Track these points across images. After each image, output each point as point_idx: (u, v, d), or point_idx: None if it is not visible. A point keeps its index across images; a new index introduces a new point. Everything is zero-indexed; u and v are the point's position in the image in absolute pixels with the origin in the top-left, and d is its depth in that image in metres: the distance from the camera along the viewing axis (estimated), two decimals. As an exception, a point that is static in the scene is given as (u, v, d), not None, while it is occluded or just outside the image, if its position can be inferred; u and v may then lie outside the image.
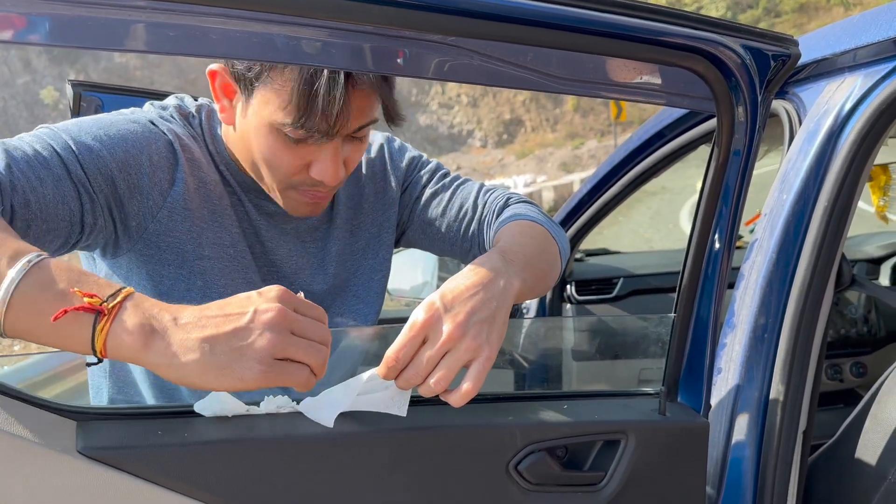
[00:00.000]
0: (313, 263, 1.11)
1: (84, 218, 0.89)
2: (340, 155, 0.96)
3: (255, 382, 0.65)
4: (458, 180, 1.20)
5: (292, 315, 0.68)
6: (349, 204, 1.14)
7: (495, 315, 0.78)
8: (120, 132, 0.94)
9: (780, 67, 0.83)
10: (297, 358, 0.67)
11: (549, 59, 0.75)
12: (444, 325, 0.75)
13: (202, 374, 0.64)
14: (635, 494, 0.83)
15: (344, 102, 0.88)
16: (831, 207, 0.98)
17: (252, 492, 0.72)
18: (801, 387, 0.98)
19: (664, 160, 1.60)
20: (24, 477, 0.64)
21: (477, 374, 0.75)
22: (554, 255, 1.01)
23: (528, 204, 1.13)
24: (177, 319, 0.66)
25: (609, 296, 2.23)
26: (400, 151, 1.21)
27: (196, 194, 0.99)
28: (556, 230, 1.05)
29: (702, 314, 0.90)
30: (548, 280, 0.98)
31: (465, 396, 0.75)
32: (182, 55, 0.79)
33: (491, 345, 0.76)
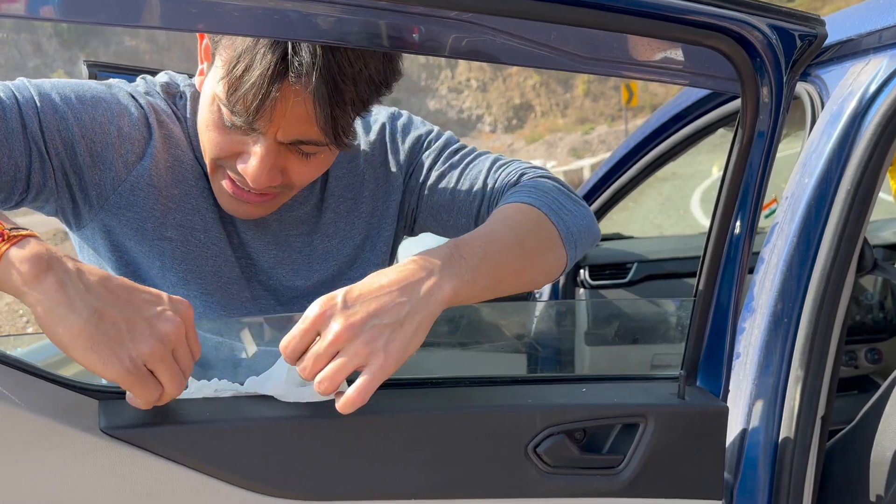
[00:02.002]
0: (296, 259, 1.05)
1: (31, 176, 0.87)
2: (272, 158, 0.87)
3: (113, 375, 0.62)
4: (469, 157, 1.08)
5: (182, 339, 0.66)
6: (346, 195, 1.06)
7: (404, 321, 0.70)
8: (93, 98, 0.92)
9: (806, 48, 0.81)
10: (161, 379, 0.65)
11: (570, 38, 0.74)
12: (336, 322, 0.69)
13: (76, 336, 0.61)
14: (653, 478, 0.83)
15: (265, 96, 0.80)
16: (854, 191, 0.97)
17: (272, 471, 0.72)
18: (821, 372, 0.98)
19: (682, 143, 1.58)
20: (46, 456, 0.64)
21: (363, 385, 0.68)
22: (547, 244, 0.89)
23: (544, 180, 1.01)
24: (81, 272, 0.63)
25: (623, 280, 2.22)
26: (404, 132, 1.10)
27: (168, 173, 0.96)
28: (564, 213, 0.93)
29: (722, 298, 0.89)
30: (529, 274, 0.86)
31: (346, 405, 0.68)
32: (199, 31, 0.79)
33: (388, 354, 0.69)
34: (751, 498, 0.95)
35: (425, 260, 0.74)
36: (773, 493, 0.95)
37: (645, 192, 12.60)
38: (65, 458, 0.65)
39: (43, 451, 0.64)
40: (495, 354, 1.51)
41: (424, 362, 1.45)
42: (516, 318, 1.73)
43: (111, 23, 0.72)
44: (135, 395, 0.65)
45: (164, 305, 0.66)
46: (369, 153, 1.08)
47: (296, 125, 0.84)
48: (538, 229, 0.88)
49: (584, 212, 0.97)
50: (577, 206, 0.96)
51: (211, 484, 0.70)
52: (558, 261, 0.90)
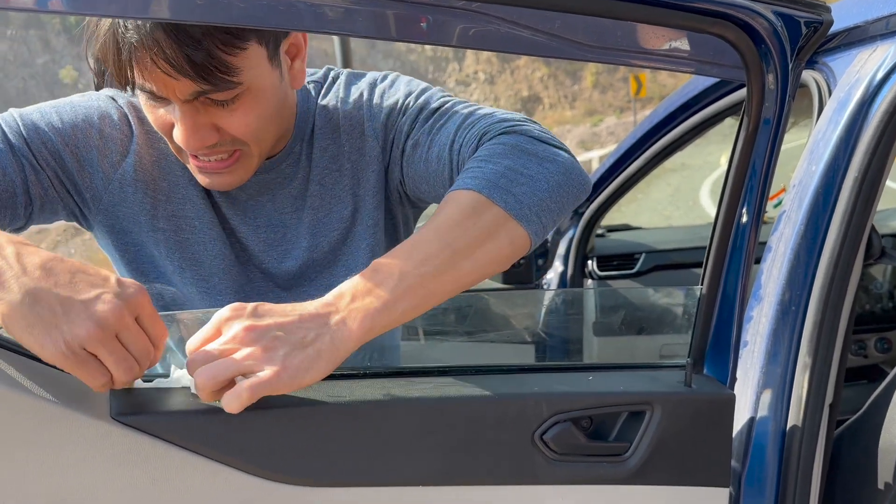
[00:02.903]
0: (288, 238, 1.04)
1: (30, 189, 0.91)
2: (190, 119, 0.87)
3: (52, 358, 0.62)
4: (441, 119, 0.98)
5: (127, 321, 0.64)
6: (331, 166, 1.04)
7: (308, 345, 0.68)
8: (72, 108, 0.97)
9: (811, 34, 0.81)
10: (105, 362, 0.64)
11: (576, 26, 0.74)
12: (239, 324, 0.68)
13: (10, 319, 0.61)
14: (660, 465, 0.83)
15: (116, 58, 0.81)
16: (861, 178, 0.97)
17: (282, 458, 0.73)
18: (829, 360, 0.98)
19: (690, 132, 1.58)
20: (58, 442, 0.65)
21: (254, 384, 0.65)
22: (488, 231, 0.80)
23: (501, 138, 0.89)
24: (21, 255, 0.63)
25: (631, 271, 2.22)
26: (382, 98, 1.04)
27: (154, 167, 0.99)
28: (518, 184, 0.83)
29: (729, 286, 0.90)
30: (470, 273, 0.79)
31: (232, 399, 0.65)
32: (205, 22, 0.79)
33: (284, 367, 0.66)
34: (759, 486, 0.95)
35: (339, 293, 0.73)
36: (781, 481, 0.95)
37: (654, 184, 12.57)
38: (76, 444, 0.66)
39: (55, 437, 0.65)
40: (503, 345, 1.52)
41: (433, 351, 1.46)
42: (525, 310, 1.74)
43: (119, 15, 0.72)
44: (81, 379, 0.64)
45: (106, 289, 0.64)
46: (348, 124, 1.04)
47: (176, 80, 0.83)
48: (475, 219, 0.80)
49: (551, 169, 0.86)
50: (541, 165, 0.86)
51: (221, 470, 0.70)
52: (514, 242, 0.82)
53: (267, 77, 0.90)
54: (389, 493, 0.77)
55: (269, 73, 0.90)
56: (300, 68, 0.98)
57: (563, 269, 2.27)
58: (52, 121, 0.94)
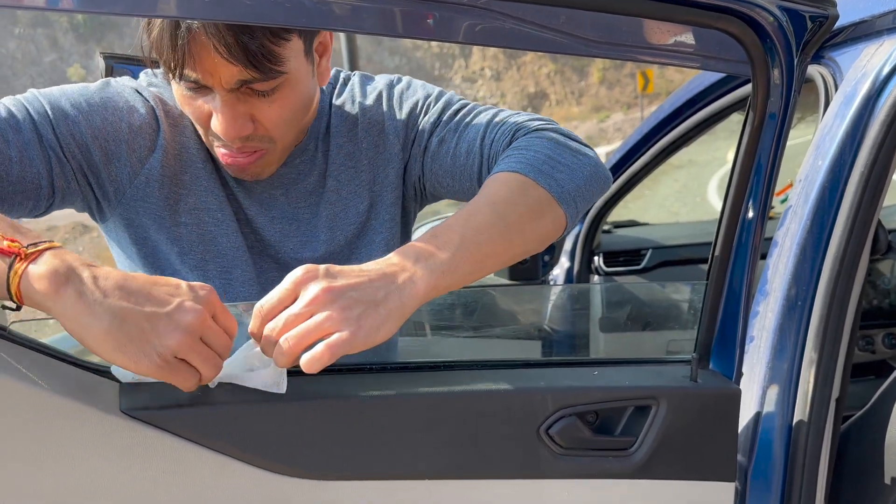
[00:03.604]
0: (303, 230, 1.06)
1: (54, 181, 0.91)
2: (231, 108, 0.90)
3: (147, 370, 0.65)
4: (468, 117, 1.05)
5: (209, 322, 0.68)
6: (347, 163, 1.07)
7: (379, 304, 0.71)
8: (101, 100, 0.96)
9: (817, 29, 0.81)
10: (195, 364, 0.67)
11: (582, 22, 0.74)
12: (316, 285, 0.70)
13: (102, 341, 0.64)
14: (666, 460, 0.84)
15: (174, 45, 0.84)
16: (868, 173, 0.96)
17: (290, 451, 0.73)
18: (835, 354, 0.97)
19: (696, 128, 1.58)
20: (69, 436, 0.66)
21: (333, 343, 0.68)
22: (536, 210, 0.86)
23: (537, 134, 0.97)
24: (97, 279, 0.65)
25: (637, 267, 2.22)
26: (401, 98, 1.08)
27: (176, 160, 1.00)
28: (558, 170, 0.90)
29: (735, 280, 0.90)
30: (519, 245, 0.85)
31: (313, 360, 0.68)
32: (215, 20, 0.80)
33: (360, 327, 0.69)
34: (765, 480, 0.96)
35: (403, 255, 0.75)
36: (788, 476, 0.95)
37: (661, 180, 12.53)
38: (87, 438, 0.66)
39: (66, 431, 0.66)
40: (509, 341, 1.52)
41: (439, 346, 1.46)
42: (531, 306, 1.74)
43: (128, 13, 0.73)
44: (175, 385, 0.67)
45: (183, 296, 0.68)
46: (367, 121, 1.07)
47: (226, 67, 0.85)
48: (524, 197, 0.86)
49: (584, 161, 0.94)
50: (575, 157, 0.93)
51: (229, 464, 0.71)
52: (555, 222, 0.88)
53: (303, 70, 0.93)
54: (397, 486, 0.77)
55: (304, 66, 0.94)
56: (326, 66, 1.01)
57: (570, 265, 2.27)
58: (81, 110, 0.94)
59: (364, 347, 0.69)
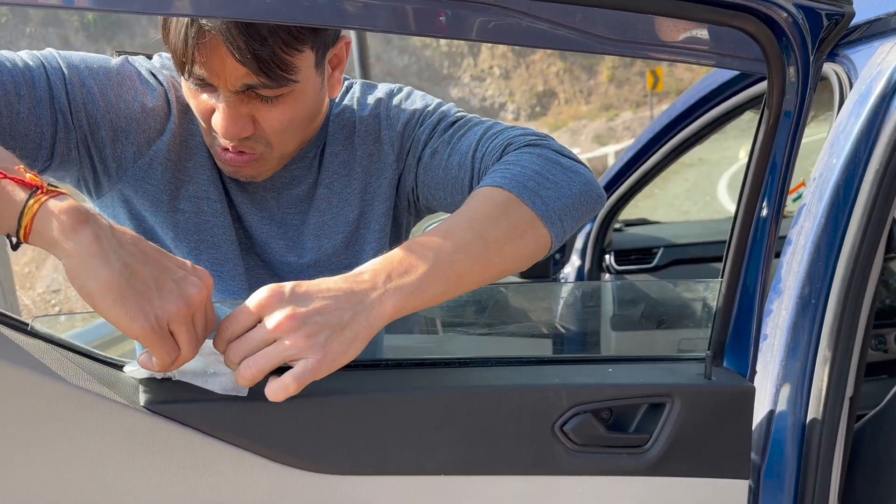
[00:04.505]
0: (290, 236, 1.05)
1: (56, 146, 0.90)
2: (233, 108, 0.89)
3: (138, 330, 0.63)
4: (462, 129, 1.02)
5: (207, 304, 0.68)
6: (340, 171, 1.06)
7: (346, 327, 0.69)
8: (119, 76, 0.96)
9: (832, 27, 0.81)
10: (180, 341, 0.66)
11: (597, 20, 0.74)
12: (281, 311, 0.68)
13: (106, 289, 0.62)
14: (680, 457, 0.84)
15: (186, 44, 0.84)
16: (883, 171, 0.96)
17: (307, 446, 0.74)
18: (849, 353, 0.97)
19: (708, 126, 1.57)
20: (89, 430, 0.66)
21: (299, 373, 0.67)
22: (517, 228, 0.83)
23: (528, 150, 0.94)
24: (114, 229, 0.65)
25: (649, 266, 2.22)
26: (399, 108, 1.07)
27: (182, 146, 1.00)
28: (544, 188, 0.87)
29: (749, 278, 0.90)
30: (497, 266, 0.82)
31: (278, 390, 0.67)
32: (227, 17, 0.80)
33: (326, 353, 0.68)
34: (778, 478, 0.96)
35: (374, 271, 0.74)
36: (801, 474, 0.95)
37: (671, 179, 12.49)
38: (108, 433, 0.67)
39: (87, 425, 0.66)
40: (521, 338, 1.53)
41: (451, 343, 1.46)
42: (543, 304, 1.74)
43: (142, 11, 0.74)
44: (154, 355, 0.65)
45: (189, 272, 0.67)
46: (363, 129, 1.06)
47: (234, 69, 0.85)
48: (506, 215, 0.83)
49: (574, 178, 0.91)
50: (565, 174, 0.90)
51: (247, 458, 0.72)
52: (537, 242, 0.85)
53: (311, 81, 0.93)
54: (412, 481, 0.78)
55: (313, 77, 0.93)
56: (338, 78, 1.01)
57: (581, 263, 2.27)
58: (99, 83, 0.93)
59: (329, 372, 0.68)
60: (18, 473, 0.65)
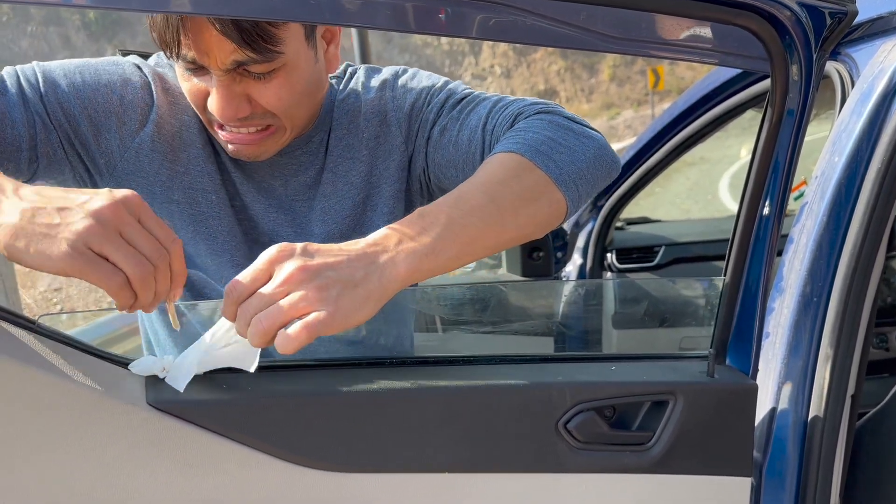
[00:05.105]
0: (298, 223, 1.05)
1: (38, 147, 0.92)
2: (226, 89, 0.89)
3: (61, 263, 0.61)
4: (470, 105, 1.01)
5: (125, 217, 0.64)
6: (345, 154, 1.05)
7: (358, 284, 0.68)
8: (96, 71, 0.98)
9: (836, 25, 0.81)
10: (113, 259, 0.63)
11: (600, 18, 0.75)
12: (291, 263, 0.67)
13: (13, 237, 0.62)
14: (683, 455, 0.84)
15: (169, 25, 0.84)
16: (885, 169, 0.96)
17: (312, 444, 0.74)
18: (851, 351, 0.97)
19: (711, 125, 1.58)
20: (95, 428, 0.67)
21: (311, 323, 0.65)
22: (532, 192, 0.83)
23: (539, 117, 0.93)
24: (19, 187, 0.65)
25: (650, 264, 2.22)
26: (405, 89, 1.06)
27: (174, 138, 1.00)
28: (558, 152, 0.86)
29: (752, 276, 0.90)
30: (513, 230, 0.80)
31: (290, 341, 0.65)
32: (227, 15, 0.80)
33: (338, 308, 0.66)
34: (780, 476, 0.96)
35: (385, 235, 0.73)
36: (803, 472, 0.95)
37: (672, 177, 12.48)
38: (113, 430, 0.67)
39: (94, 422, 0.67)
40: (522, 337, 1.53)
41: (453, 342, 1.47)
42: (544, 302, 1.74)
43: (143, 9, 0.74)
44: (96, 283, 0.63)
45: (99, 194, 0.65)
46: (369, 111, 1.05)
47: (221, 46, 0.85)
48: (518, 178, 0.82)
49: (587, 143, 0.90)
50: (578, 140, 0.90)
51: (252, 455, 0.72)
52: (552, 206, 0.84)
53: (302, 54, 0.92)
54: (415, 479, 0.78)
55: (304, 51, 0.92)
56: (334, 53, 1.00)
57: (583, 261, 2.27)
58: (74, 81, 0.95)
59: (341, 329, 0.67)
60: (25, 470, 0.66)
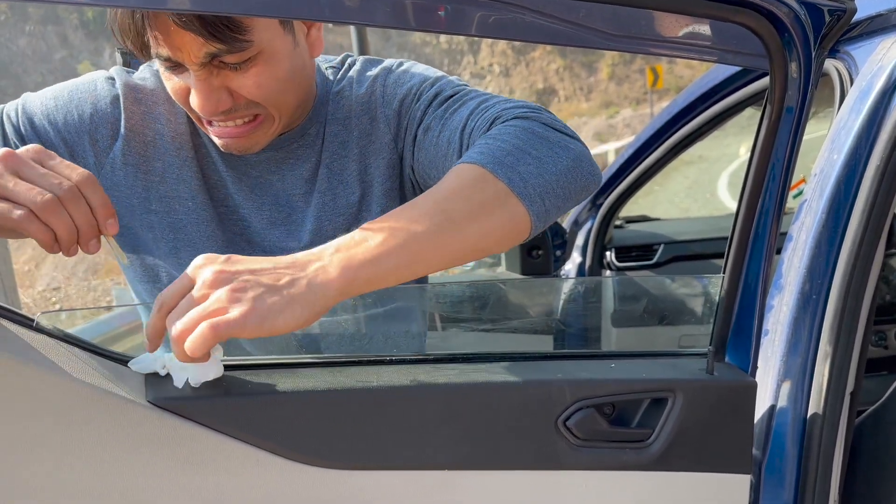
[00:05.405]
0: (293, 219, 1.03)
1: None
2: (204, 83, 0.88)
3: None
4: (455, 105, 0.97)
5: (21, 161, 0.65)
6: (340, 151, 1.03)
7: (282, 288, 0.65)
8: (69, 94, 1.00)
9: (834, 22, 0.81)
10: (8, 195, 0.64)
11: (599, 15, 0.75)
12: (210, 269, 0.66)
13: None
14: (682, 452, 0.84)
15: (132, 20, 0.84)
16: (883, 167, 0.96)
17: (311, 441, 0.74)
18: (850, 348, 0.98)
19: (709, 122, 1.58)
20: (96, 425, 0.67)
21: (215, 324, 0.62)
22: (488, 205, 0.76)
23: (514, 122, 0.87)
24: None
25: (649, 262, 2.22)
26: (396, 85, 1.02)
27: (146, 147, 1.00)
28: (524, 163, 0.80)
29: (751, 273, 0.90)
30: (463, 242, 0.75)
31: (194, 341, 0.62)
32: (226, 13, 0.80)
33: (253, 308, 0.63)
34: (779, 473, 0.96)
35: (325, 246, 0.71)
36: (802, 469, 0.95)
37: (671, 176, 12.49)
38: (114, 426, 0.67)
39: (94, 419, 0.67)
40: (522, 335, 1.53)
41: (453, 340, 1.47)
42: (543, 300, 1.74)
43: (142, 7, 0.74)
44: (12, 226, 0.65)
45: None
46: (359, 109, 1.03)
47: (191, 40, 0.83)
48: (474, 190, 0.76)
49: (562, 154, 0.84)
50: (552, 150, 0.83)
51: (252, 452, 0.72)
52: (513, 220, 0.78)
53: (279, 40, 0.90)
54: (415, 476, 0.78)
55: (280, 36, 0.90)
56: (317, 36, 0.98)
57: (582, 260, 2.28)
58: (47, 107, 0.98)
59: (260, 332, 0.64)
60: (24, 468, 0.66)
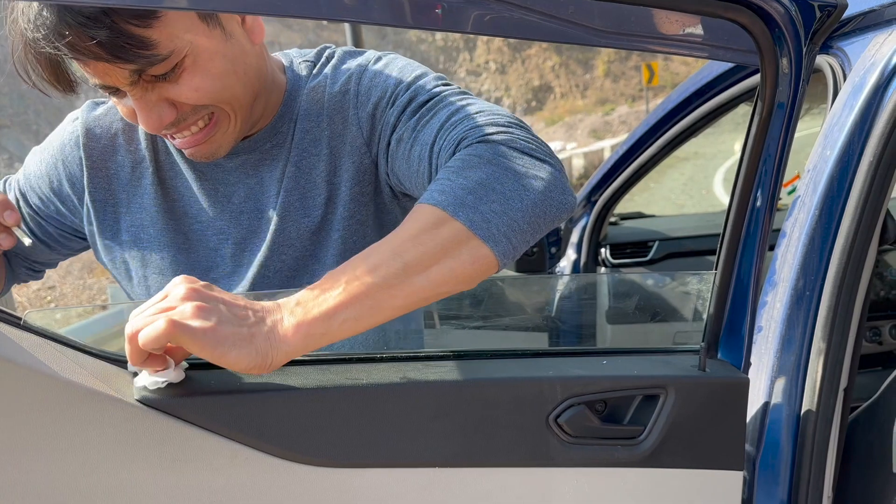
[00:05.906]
0: (263, 222, 1.00)
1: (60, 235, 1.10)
2: (142, 101, 0.85)
3: None
4: (428, 114, 0.92)
5: None
6: (310, 150, 0.99)
7: (245, 326, 0.67)
8: (49, 145, 1.06)
9: (826, 18, 0.81)
10: None
11: (590, 12, 0.74)
12: (185, 285, 0.67)
13: None
14: (674, 449, 0.84)
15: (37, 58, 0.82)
16: (876, 163, 0.96)
17: (301, 439, 0.74)
18: (843, 344, 0.98)
19: (703, 119, 1.58)
20: (83, 424, 0.66)
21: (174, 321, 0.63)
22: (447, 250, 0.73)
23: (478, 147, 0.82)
24: None
25: (644, 259, 2.23)
26: (371, 86, 0.97)
27: (109, 181, 1.03)
28: (487, 201, 0.75)
29: (743, 270, 0.90)
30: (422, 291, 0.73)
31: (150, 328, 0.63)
32: (226, 11, 0.80)
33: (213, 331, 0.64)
34: (773, 469, 0.96)
35: (289, 298, 0.71)
36: (796, 465, 0.95)
37: (666, 173, 12.50)
38: (101, 424, 0.67)
39: (81, 417, 0.66)
40: (516, 332, 1.53)
41: (448, 336, 1.47)
42: (538, 297, 1.74)
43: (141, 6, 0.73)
44: None
45: None
46: (331, 107, 0.99)
47: (109, 65, 0.81)
48: (433, 235, 0.73)
49: (529, 186, 0.78)
50: (517, 183, 0.78)
51: (242, 451, 0.72)
52: (476, 262, 0.75)
53: (203, 39, 0.86)
54: (407, 473, 0.78)
55: (205, 34, 0.86)
56: (254, 22, 0.94)
57: (576, 257, 2.28)
58: (34, 176, 1.06)
59: (211, 354, 0.64)
60: (11, 466, 0.65)
